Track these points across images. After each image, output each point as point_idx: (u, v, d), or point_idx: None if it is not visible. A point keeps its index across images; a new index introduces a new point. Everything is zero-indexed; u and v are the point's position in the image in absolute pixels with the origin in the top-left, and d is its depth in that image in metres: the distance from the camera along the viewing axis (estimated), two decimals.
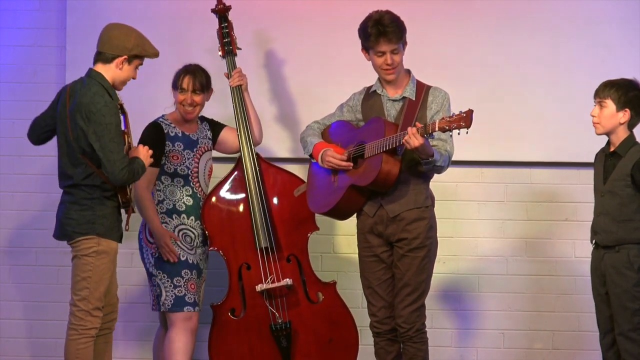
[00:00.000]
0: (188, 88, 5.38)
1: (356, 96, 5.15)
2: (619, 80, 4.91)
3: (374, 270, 5.01)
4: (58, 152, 5.02)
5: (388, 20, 4.89)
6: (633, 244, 4.82)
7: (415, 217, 4.96)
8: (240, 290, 5.43)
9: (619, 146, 4.87)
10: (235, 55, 5.60)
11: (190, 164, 5.40)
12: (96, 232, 4.92)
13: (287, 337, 5.38)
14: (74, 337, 4.93)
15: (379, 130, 4.88)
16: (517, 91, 6.02)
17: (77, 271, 4.95)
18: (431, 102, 4.99)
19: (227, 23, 5.63)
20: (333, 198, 5.01)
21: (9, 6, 6.24)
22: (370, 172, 4.86)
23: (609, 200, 4.85)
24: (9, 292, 6.20)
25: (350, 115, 5.15)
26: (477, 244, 6.12)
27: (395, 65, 4.94)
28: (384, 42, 4.89)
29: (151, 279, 5.33)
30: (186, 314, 5.29)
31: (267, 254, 5.43)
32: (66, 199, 5.00)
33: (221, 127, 5.59)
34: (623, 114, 4.85)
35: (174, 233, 5.33)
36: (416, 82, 5.05)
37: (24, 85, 6.22)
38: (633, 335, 4.82)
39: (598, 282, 4.92)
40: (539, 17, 6.03)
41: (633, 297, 4.80)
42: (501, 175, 6.09)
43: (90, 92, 4.91)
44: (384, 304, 5.01)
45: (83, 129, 4.89)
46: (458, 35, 6.05)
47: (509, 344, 6.10)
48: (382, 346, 5.05)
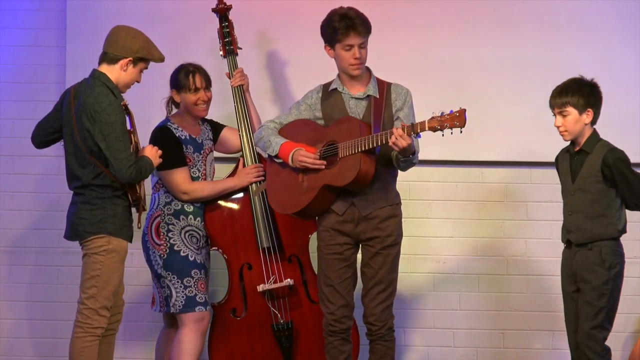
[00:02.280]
0: (201, 86, 5.37)
1: (314, 94, 5.11)
2: (569, 84, 4.92)
3: (336, 268, 4.99)
4: (65, 153, 5.04)
5: (354, 14, 4.93)
6: (605, 241, 4.85)
7: (388, 214, 4.97)
8: (242, 290, 5.43)
9: (585, 144, 4.89)
10: (237, 55, 5.60)
11: (201, 167, 5.41)
12: (107, 231, 4.95)
13: (288, 337, 5.39)
14: (80, 334, 4.95)
15: (353, 130, 4.86)
16: (517, 91, 6.02)
17: (86, 269, 4.98)
18: (395, 99, 5.00)
19: (228, 22, 5.63)
20: (304, 199, 4.97)
21: (8, 6, 6.24)
22: (348, 172, 4.85)
23: (580, 198, 4.87)
24: (9, 292, 6.20)
25: (308, 113, 5.09)
26: (477, 244, 6.12)
27: (362, 60, 4.95)
28: (353, 35, 4.90)
29: (159, 280, 5.31)
30: (198, 314, 5.29)
31: (269, 254, 5.43)
32: (77, 200, 5.02)
33: (221, 127, 5.59)
34: (587, 115, 4.88)
35: (181, 234, 5.32)
36: (376, 79, 5.05)
37: (24, 85, 6.21)
38: (595, 333, 4.83)
39: (567, 281, 4.94)
40: (538, 17, 6.03)
41: (600, 295, 4.83)
42: (502, 176, 6.09)
43: (94, 92, 4.92)
44: (343, 302, 5.00)
45: (89, 129, 4.90)
46: (457, 35, 6.05)
47: (509, 344, 6.11)
48: (335, 345, 5.04)
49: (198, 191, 5.34)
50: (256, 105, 5.60)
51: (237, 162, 5.52)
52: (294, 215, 5.06)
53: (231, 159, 5.72)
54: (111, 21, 5.78)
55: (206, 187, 5.38)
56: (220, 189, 5.40)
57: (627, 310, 6.01)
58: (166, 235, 5.30)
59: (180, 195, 5.31)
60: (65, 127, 5.02)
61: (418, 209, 6.09)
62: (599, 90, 4.93)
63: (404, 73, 5.91)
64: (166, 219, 5.33)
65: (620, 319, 5.97)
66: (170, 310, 5.30)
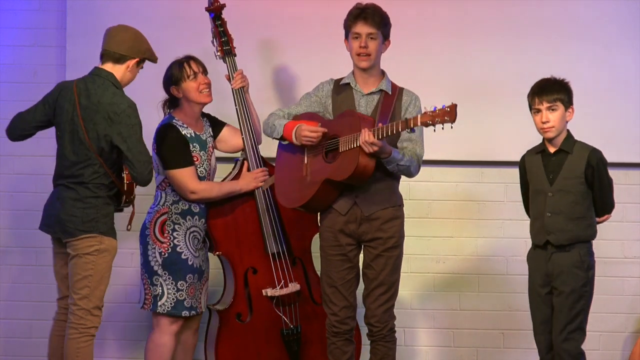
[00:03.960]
0: (198, 70, 5.32)
1: (325, 86, 5.10)
2: (551, 80, 4.92)
3: (339, 269, 4.99)
4: (60, 148, 5.01)
5: (369, 5, 4.96)
6: (584, 243, 4.85)
7: (391, 216, 4.97)
8: (247, 294, 5.40)
9: (563, 144, 4.89)
10: (235, 55, 5.52)
11: (207, 165, 5.38)
12: (99, 231, 4.94)
13: (297, 341, 5.38)
14: (74, 336, 4.94)
15: (354, 124, 4.86)
16: (517, 92, 6.02)
17: (77, 270, 4.96)
18: (406, 102, 5.01)
19: (221, 21, 5.51)
20: (307, 192, 4.97)
21: (8, 6, 6.24)
22: (347, 166, 4.84)
23: (560, 200, 4.86)
24: (9, 292, 6.20)
25: (318, 105, 5.09)
26: (477, 244, 6.12)
27: (369, 51, 4.94)
28: (361, 24, 4.91)
29: (151, 277, 5.29)
30: (172, 318, 5.28)
31: (277, 259, 5.39)
32: (65, 195, 4.99)
33: (221, 124, 5.53)
34: (569, 113, 4.89)
35: (186, 235, 5.30)
36: (390, 81, 5.06)
37: (24, 85, 6.21)
38: (574, 336, 4.83)
39: (540, 283, 4.91)
40: (538, 17, 6.03)
41: (579, 297, 4.83)
42: (502, 175, 6.09)
43: (108, 92, 4.93)
44: (346, 303, 5.00)
45: (106, 130, 4.90)
46: (457, 37, 6.05)
47: (509, 344, 6.11)
48: (338, 346, 5.04)
49: (207, 191, 5.30)
50: (255, 105, 5.55)
51: (237, 164, 5.49)
52: (299, 208, 5.06)
53: (229, 159, 5.71)
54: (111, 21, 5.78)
55: (214, 188, 5.35)
56: (227, 191, 5.37)
57: (627, 310, 6.02)
58: (171, 234, 5.29)
59: (188, 195, 5.28)
60: (64, 124, 4.99)
61: (418, 209, 6.09)
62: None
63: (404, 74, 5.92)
64: (173, 217, 5.30)
65: (620, 319, 6.00)
66: (156, 310, 5.26)
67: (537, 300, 4.93)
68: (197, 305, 5.33)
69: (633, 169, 5.97)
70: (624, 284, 6.04)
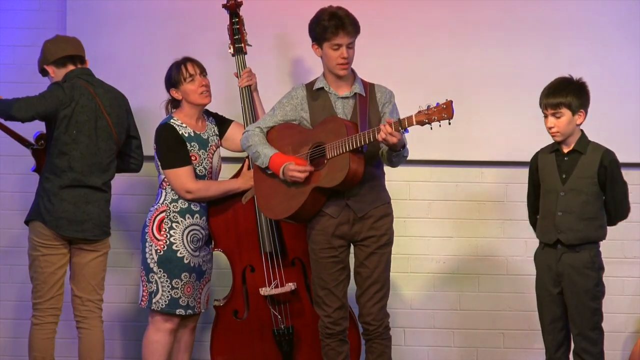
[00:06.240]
0: (195, 72, 5.34)
1: (298, 93, 5.07)
2: (561, 84, 4.91)
3: (331, 271, 4.99)
4: (86, 147, 5.14)
5: (343, 14, 4.94)
6: (594, 243, 4.86)
7: (382, 213, 4.99)
8: (244, 292, 5.42)
9: (577, 144, 4.90)
10: (246, 53, 5.54)
11: (207, 164, 5.39)
12: None
13: (289, 342, 5.38)
14: (101, 327, 5.28)
15: (339, 130, 4.86)
16: (517, 91, 6.02)
17: (101, 267, 5.25)
18: (380, 98, 5.02)
19: (238, 19, 5.54)
20: (294, 202, 4.96)
21: (8, 6, 6.24)
22: (337, 172, 4.85)
23: (572, 199, 4.86)
24: (9, 292, 6.20)
25: (294, 114, 5.06)
26: (477, 244, 6.12)
27: (350, 60, 4.95)
28: (342, 34, 4.90)
29: (149, 274, 5.30)
30: (167, 316, 5.29)
31: (272, 258, 5.40)
32: (101, 197, 5.21)
33: (228, 122, 5.53)
34: (579, 116, 4.89)
35: (183, 234, 5.31)
36: (360, 79, 5.06)
37: (24, 85, 6.19)
38: (592, 335, 4.84)
39: (550, 282, 4.91)
40: (538, 17, 6.03)
41: (594, 297, 4.83)
42: (502, 175, 6.09)
43: (113, 87, 5.26)
44: (339, 304, 5.01)
45: (128, 121, 5.25)
46: (456, 37, 6.05)
47: (508, 344, 6.11)
48: (333, 347, 5.04)
49: (202, 190, 5.31)
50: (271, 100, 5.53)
51: (243, 163, 5.49)
52: (286, 220, 5.05)
53: (237, 159, 5.70)
54: (111, 21, 5.80)
55: (211, 187, 5.36)
56: (225, 190, 5.38)
57: (627, 310, 6.02)
58: (167, 232, 5.29)
59: (184, 194, 5.30)
60: (89, 121, 5.14)
61: (418, 209, 6.09)
62: (588, 90, 4.94)
63: (403, 75, 5.92)
64: (171, 216, 5.31)
65: (621, 318, 5.99)
66: (151, 307, 5.28)
67: (547, 300, 4.93)
68: (194, 304, 5.33)
69: (633, 169, 5.97)
70: (624, 284, 6.04)
